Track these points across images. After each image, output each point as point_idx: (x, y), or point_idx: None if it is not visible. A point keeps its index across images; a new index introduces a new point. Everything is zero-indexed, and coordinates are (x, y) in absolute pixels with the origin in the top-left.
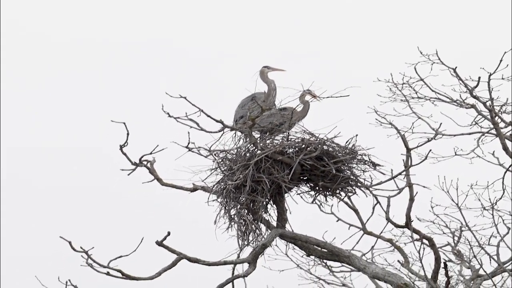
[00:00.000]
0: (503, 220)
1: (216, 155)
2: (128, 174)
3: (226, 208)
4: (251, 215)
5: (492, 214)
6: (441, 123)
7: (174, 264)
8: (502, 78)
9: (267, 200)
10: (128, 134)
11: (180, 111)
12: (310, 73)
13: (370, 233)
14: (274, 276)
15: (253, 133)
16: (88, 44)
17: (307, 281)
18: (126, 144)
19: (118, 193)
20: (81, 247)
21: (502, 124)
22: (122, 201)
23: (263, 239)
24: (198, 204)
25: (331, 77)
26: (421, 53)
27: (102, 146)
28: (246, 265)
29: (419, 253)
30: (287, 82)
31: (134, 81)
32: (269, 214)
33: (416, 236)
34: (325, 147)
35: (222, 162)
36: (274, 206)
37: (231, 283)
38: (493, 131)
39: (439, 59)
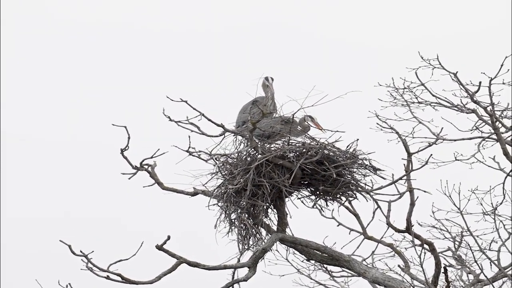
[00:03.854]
0: (504, 225)
1: (217, 159)
2: (129, 178)
3: (227, 212)
4: (251, 219)
5: (494, 219)
6: (442, 128)
7: (174, 268)
8: (503, 83)
9: (267, 204)
10: (129, 137)
11: (181, 115)
12: (311, 77)
13: (370, 238)
14: (274, 281)
15: (253, 137)
16: (90, 46)
17: (303, 287)
18: (127, 148)
19: (119, 197)
20: (81, 251)
21: (502, 129)
22: (122, 205)
23: (263, 243)
24: (198, 208)
25: (332, 81)
26: (422, 58)
27: (102, 149)
28: (246, 270)
29: (419, 258)
30: (287, 87)
31: (135, 85)
32: (270, 219)
33: (416, 241)
34: (326, 152)
35: (222, 166)
36: (275, 210)
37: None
38: (494, 136)
39: (440, 64)
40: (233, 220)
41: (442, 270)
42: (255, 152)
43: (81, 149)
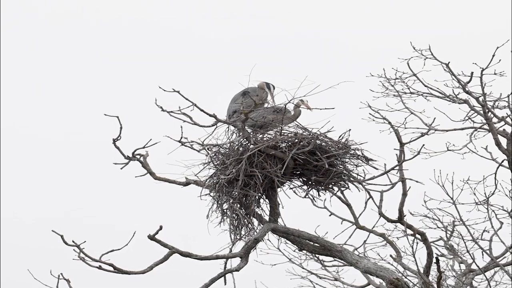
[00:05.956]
0: (496, 215)
1: (209, 149)
2: (121, 168)
3: (219, 202)
4: (243, 210)
5: (486, 209)
6: (434, 118)
7: (166, 258)
8: (495, 73)
9: (259, 194)
10: (121, 128)
11: (173, 105)
12: (303, 68)
13: (362, 228)
14: (266, 271)
15: (245, 127)
16: (82, 38)
17: (296, 276)
18: (119, 138)
19: (111, 187)
20: (73, 241)
21: (494, 120)
22: (114, 195)
23: (255, 233)
24: (190, 198)
25: (324, 72)
26: (414, 48)
27: (94, 140)
28: (238, 260)
29: (412, 248)
30: (280, 78)
31: (127, 75)
32: (262, 209)
33: (409, 231)
34: (318, 142)
35: (215, 157)
36: (267, 200)
37: (223, 277)
38: (486, 127)
39: (432, 54)
40: (225, 210)
41: (434, 260)
42: (247, 142)
43: (73, 140)
